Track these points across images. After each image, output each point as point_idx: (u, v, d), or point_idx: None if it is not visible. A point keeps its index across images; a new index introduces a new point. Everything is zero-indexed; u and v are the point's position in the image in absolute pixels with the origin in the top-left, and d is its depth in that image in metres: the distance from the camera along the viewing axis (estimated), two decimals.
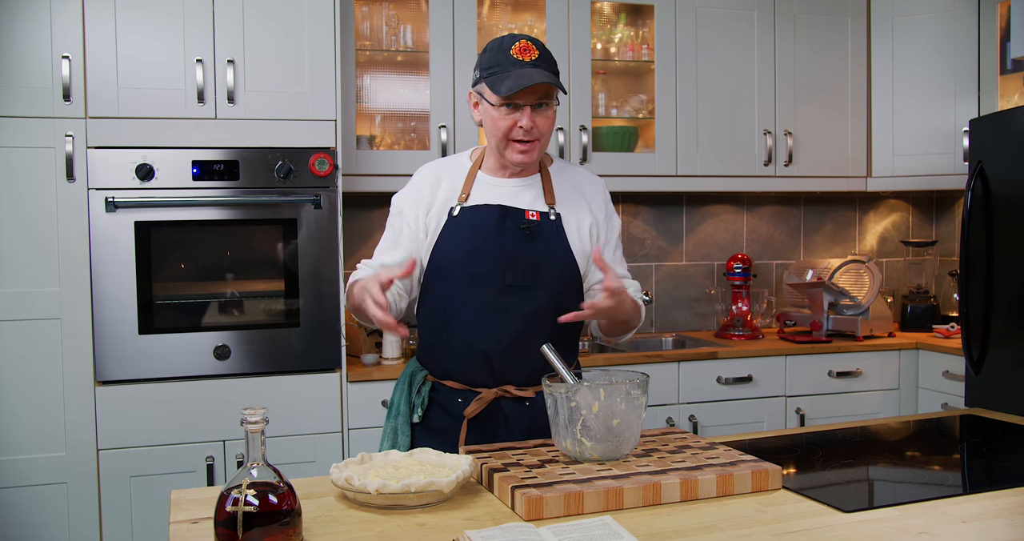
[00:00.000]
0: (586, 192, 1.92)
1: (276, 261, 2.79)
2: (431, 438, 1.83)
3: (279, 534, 1.19)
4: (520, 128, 1.77)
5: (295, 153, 2.77)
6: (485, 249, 1.80)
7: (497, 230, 1.80)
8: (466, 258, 1.80)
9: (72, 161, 2.58)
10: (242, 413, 1.21)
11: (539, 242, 1.81)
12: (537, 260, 1.80)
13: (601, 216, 1.91)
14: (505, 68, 1.74)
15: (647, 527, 1.31)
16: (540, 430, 1.80)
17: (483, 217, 1.81)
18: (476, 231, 1.81)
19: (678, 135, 3.45)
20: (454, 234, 1.82)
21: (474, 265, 1.80)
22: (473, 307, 1.80)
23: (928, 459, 1.80)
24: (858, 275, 3.67)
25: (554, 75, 1.77)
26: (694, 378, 3.21)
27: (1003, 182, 2.92)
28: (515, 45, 1.76)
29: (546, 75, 1.74)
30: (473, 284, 1.80)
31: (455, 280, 1.81)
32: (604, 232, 1.91)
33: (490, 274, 1.79)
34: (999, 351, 2.91)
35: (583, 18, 3.32)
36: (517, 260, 1.79)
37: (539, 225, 1.82)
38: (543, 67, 1.76)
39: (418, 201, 1.87)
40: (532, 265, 1.80)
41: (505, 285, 1.79)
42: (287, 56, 2.78)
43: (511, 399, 1.82)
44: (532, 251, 1.80)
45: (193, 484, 2.66)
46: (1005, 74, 3.41)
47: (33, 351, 2.58)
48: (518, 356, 1.79)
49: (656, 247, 3.83)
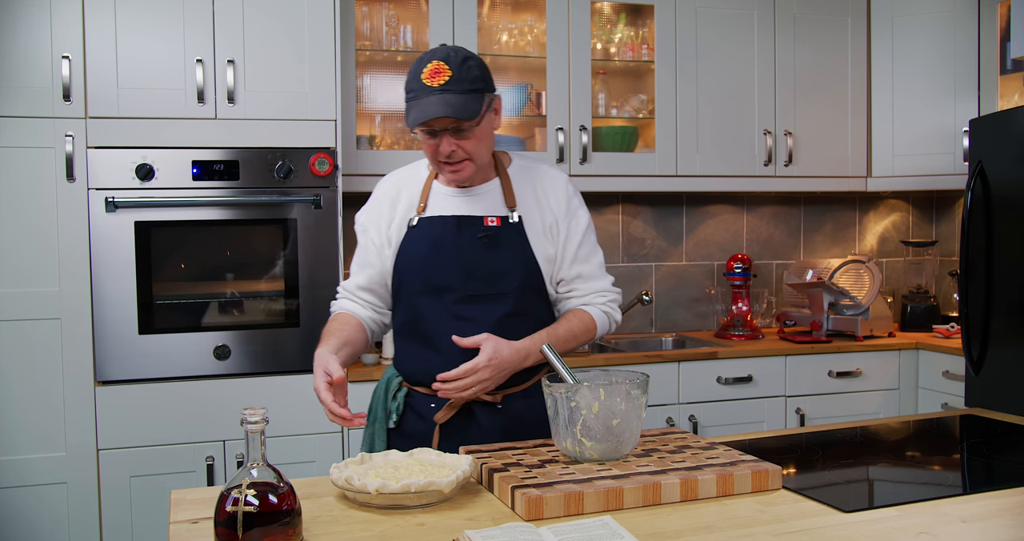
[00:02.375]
0: (546, 189, 1.86)
1: (276, 261, 2.79)
2: (406, 443, 1.82)
3: (279, 534, 1.19)
4: (441, 154, 1.75)
5: (295, 153, 2.77)
6: (443, 260, 1.79)
7: (455, 240, 1.79)
8: (426, 270, 1.80)
9: (72, 161, 2.59)
10: (242, 413, 1.21)
11: (500, 249, 1.79)
12: (498, 268, 1.79)
13: (561, 212, 1.85)
14: (416, 94, 1.71)
15: (647, 527, 1.31)
16: (512, 434, 1.78)
17: (439, 228, 1.81)
18: (434, 243, 1.80)
19: (678, 135, 3.45)
20: (413, 246, 1.82)
21: (434, 276, 1.80)
22: (437, 318, 1.80)
23: (928, 459, 1.80)
24: (858, 275, 3.67)
25: (466, 95, 1.69)
26: (694, 378, 3.21)
27: (1003, 182, 2.92)
28: (426, 68, 1.70)
29: (448, 106, 1.67)
30: (435, 295, 1.80)
31: (418, 291, 1.82)
32: (565, 228, 1.85)
33: (451, 285, 1.79)
34: (999, 351, 2.91)
35: (583, 18, 3.32)
36: (478, 269, 1.79)
37: (499, 231, 1.80)
38: (453, 91, 1.68)
39: (379, 216, 1.89)
40: (494, 273, 1.79)
41: (467, 295, 1.79)
42: (287, 56, 2.78)
43: (480, 403, 1.81)
44: (493, 259, 1.79)
45: (193, 484, 2.66)
46: (1005, 74, 3.41)
47: (33, 351, 2.58)
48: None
49: (656, 247, 3.83)
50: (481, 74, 1.74)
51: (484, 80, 1.75)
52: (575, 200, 1.88)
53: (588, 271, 1.88)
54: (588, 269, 1.88)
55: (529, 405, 1.82)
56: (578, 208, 1.88)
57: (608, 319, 1.90)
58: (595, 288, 1.89)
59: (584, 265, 1.87)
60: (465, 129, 1.72)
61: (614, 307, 1.91)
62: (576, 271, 1.86)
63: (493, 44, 3.38)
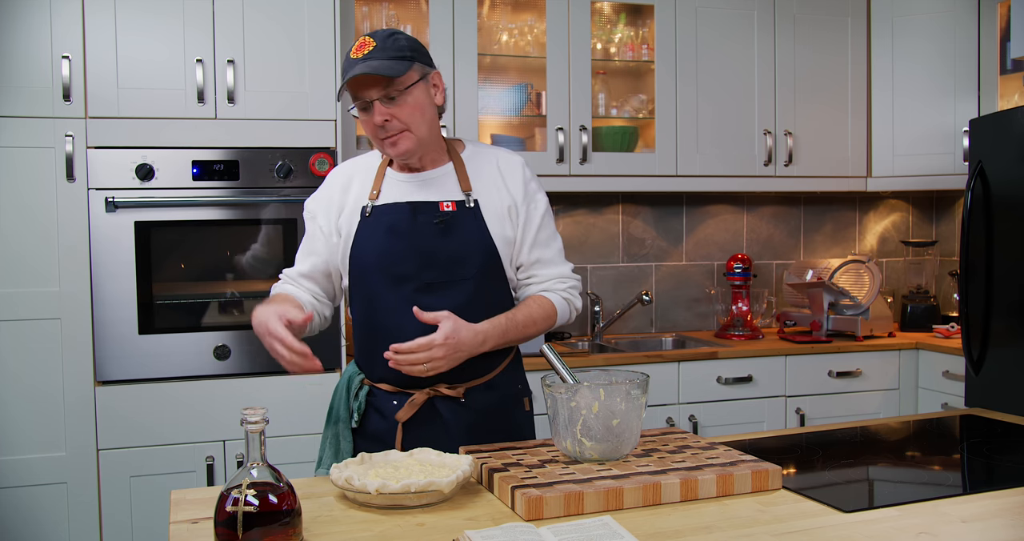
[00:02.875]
0: (503, 172, 1.81)
1: (276, 261, 2.78)
2: (370, 443, 1.78)
3: (279, 534, 1.19)
4: (376, 126, 1.71)
5: (295, 153, 2.77)
6: (400, 248, 1.74)
7: (410, 228, 1.75)
8: (382, 259, 1.76)
9: (72, 161, 2.59)
10: (242, 413, 1.21)
11: (456, 234, 1.75)
12: (456, 254, 1.74)
13: (520, 195, 1.80)
14: (345, 71, 1.69)
15: (647, 527, 1.31)
16: (480, 431, 1.75)
17: (394, 215, 1.76)
18: (389, 230, 1.76)
19: (678, 135, 3.45)
20: (368, 235, 1.77)
21: (391, 266, 1.75)
22: (395, 309, 1.75)
23: (928, 459, 1.80)
24: (858, 275, 3.67)
25: (390, 62, 1.64)
26: (694, 378, 3.21)
27: (1003, 182, 2.92)
28: (354, 45, 1.69)
29: (369, 66, 1.63)
30: (393, 285, 1.75)
31: (375, 282, 1.77)
32: (524, 211, 1.80)
33: (408, 274, 1.74)
34: (999, 351, 2.91)
35: (583, 18, 3.32)
36: (435, 256, 1.74)
37: (455, 215, 1.75)
38: (376, 58, 1.65)
39: (329, 204, 1.85)
40: (452, 259, 1.74)
41: (425, 283, 1.74)
42: (287, 56, 2.78)
43: (444, 399, 1.76)
44: (450, 245, 1.74)
45: (193, 484, 2.66)
46: (1005, 74, 3.41)
47: (33, 351, 2.58)
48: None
49: (656, 247, 3.83)
50: (410, 45, 1.70)
51: (414, 51, 1.70)
52: (533, 184, 1.83)
53: (548, 256, 1.83)
54: (548, 254, 1.83)
55: (493, 398, 1.79)
56: (536, 192, 1.83)
57: (568, 306, 1.86)
58: (555, 274, 1.84)
59: (544, 250, 1.82)
60: (395, 97, 1.68)
61: (574, 293, 1.87)
62: (535, 256, 1.82)
63: (493, 44, 3.38)
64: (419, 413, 1.76)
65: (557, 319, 1.83)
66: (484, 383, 1.79)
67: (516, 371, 1.88)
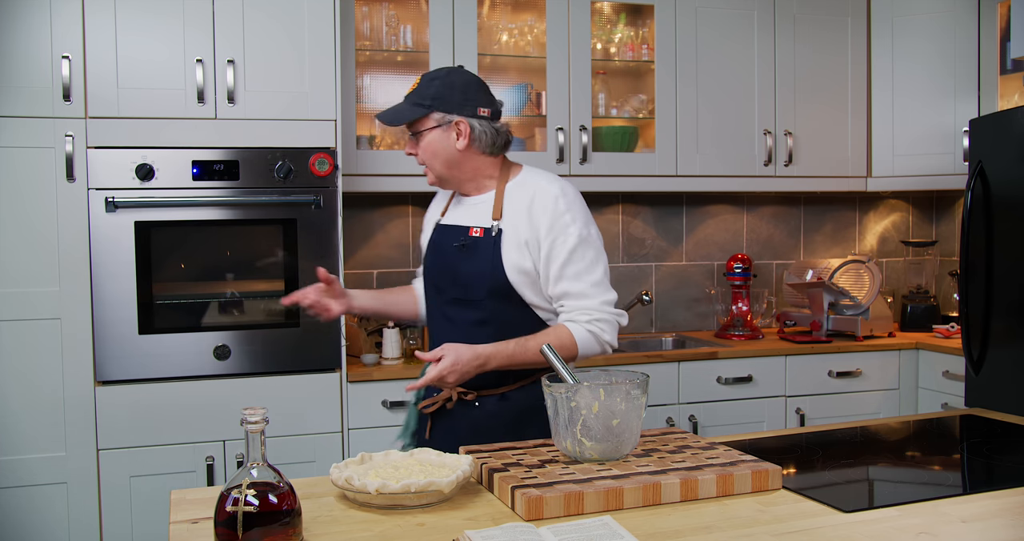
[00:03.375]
0: (534, 206, 1.88)
1: (276, 261, 2.78)
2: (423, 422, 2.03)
3: (279, 534, 1.19)
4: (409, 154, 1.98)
5: (295, 153, 2.77)
6: (437, 264, 1.98)
7: (442, 247, 1.97)
8: (428, 271, 2.02)
9: (72, 161, 2.59)
10: (242, 413, 1.21)
11: (473, 258, 1.90)
12: (470, 275, 1.90)
13: (543, 230, 1.85)
14: None
15: (647, 527, 1.31)
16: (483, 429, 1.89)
17: (438, 235, 2.01)
18: (433, 248, 2.02)
19: (678, 135, 3.45)
20: (428, 248, 2.05)
21: (430, 278, 2.02)
22: (432, 316, 2.03)
23: (928, 459, 1.80)
24: (858, 275, 3.67)
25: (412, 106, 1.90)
26: (694, 378, 3.21)
27: (1003, 182, 2.92)
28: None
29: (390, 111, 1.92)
30: (432, 295, 2.02)
31: (426, 290, 2.05)
32: (548, 245, 1.85)
33: (442, 287, 1.97)
34: (999, 351, 2.91)
35: (583, 18, 3.32)
36: (457, 275, 1.93)
37: (477, 241, 1.91)
38: (409, 101, 1.92)
39: (427, 218, 2.15)
40: (467, 280, 1.91)
41: (452, 298, 1.94)
42: (287, 56, 2.78)
43: (461, 402, 1.94)
44: (467, 266, 1.91)
45: (193, 484, 2.66)
46: (1005, 74, 3.41)
47: (33, 351, 2.58)
48: None
49: (656, 247, 3.83)
50: (438, 93, 1.88)
51: (438, 99, 1.89)
52: (566, 217, 1.86)
53: (576, 290, 1.87)
54: (577, 287, 1.87)
55: (503, 406, 1.93)
56: (568, 225, 1.85)
57: (594, 338, 1.87)
58: (582, 306, 1.87)
59: (573, 283, 1.86)
60: (416, 133, 1.93)
61: (601, 327, 1.87)
62: (561, 289, 1.87)
63: (493, 44, 3.38)
64: (443, 409, 1.96)
65: (579, 349, 1.86)
66: (498, 394, 1.93)
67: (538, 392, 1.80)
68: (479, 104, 1.92)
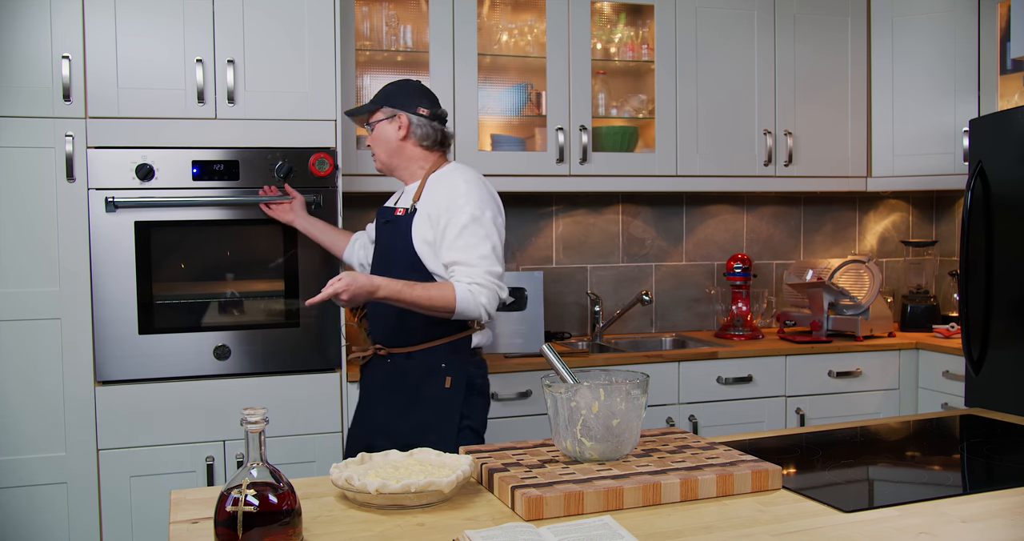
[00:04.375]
0: (440, 188, 2.27)
1: (276, 261, 2.78)
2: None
3: (279, 534, 1.19)
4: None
5: (295, 153, 2.77)
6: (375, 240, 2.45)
7: (377, 225, 2.42)
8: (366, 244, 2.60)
9: (72, 161, 2.58)
10: (242, 413, 1.21)
11: (393, 233, 2.31)
12: (390, 248, 2.32)
13: (443, 206, 2.22)
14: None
15: (647, 527, 1.31)
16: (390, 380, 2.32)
17: (377, 216, 2.44)
18: (375, 227, 2.46)
19: (678, 135, 3.45)
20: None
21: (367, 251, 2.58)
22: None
23: (928, 459, 1.80)
24: (858, 275, 3.67)
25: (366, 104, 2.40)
26: (694, 378, 3.21)
27: (1003, 182, 2.92)
28: None
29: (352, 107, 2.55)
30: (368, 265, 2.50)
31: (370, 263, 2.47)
32: (443, 220, 2.21)
33: (372, 259, 2.42)
34: (999, 351, 2.91)
35: (583, 18, 3.32)
36: (380, 248, 2.38)
37: (398, 219, 2.31)
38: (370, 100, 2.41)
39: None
40: (389, 252, 2.32)
41: (378, 265, 2.36)
42: (287, 56, 2.78)
43: (379, 355, 2.35)
44: (388, 240, 2.34)
45: (193, 484, 2.66)
46: (1005, 74, 3.41)
47: (33, 351, 2.58)
48: (381, 322, 2.34)
49: (656, 247, 3.83)
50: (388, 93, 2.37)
51: (389, 97, 2.36)
52: (461, 199, 2.22)
53: (463, 258, 2.19)
54: (463, 257, 2.19)
55: (410, 366, 2.29)
56: (464, 205, 2.21)
57: (471, 296, 2.16)
58: (467, 272, 2.19)
59: (460, 253, 2.20)
60: (368, 125, 2.40)
61: (478, 290, 2.17)
62: (452, 257, 2.21)
63: (493, 44, 3.38)
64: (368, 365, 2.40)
65: (457, 303, 2.16)
66: (405, 353, 2.31)
67: (440, 354, 2.29)
68: (420, 105, 2.35)
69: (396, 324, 2.29)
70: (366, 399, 2.41)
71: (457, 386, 2.29)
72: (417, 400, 2.28)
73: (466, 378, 2.30)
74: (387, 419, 2.31)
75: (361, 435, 2.38)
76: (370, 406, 2.38)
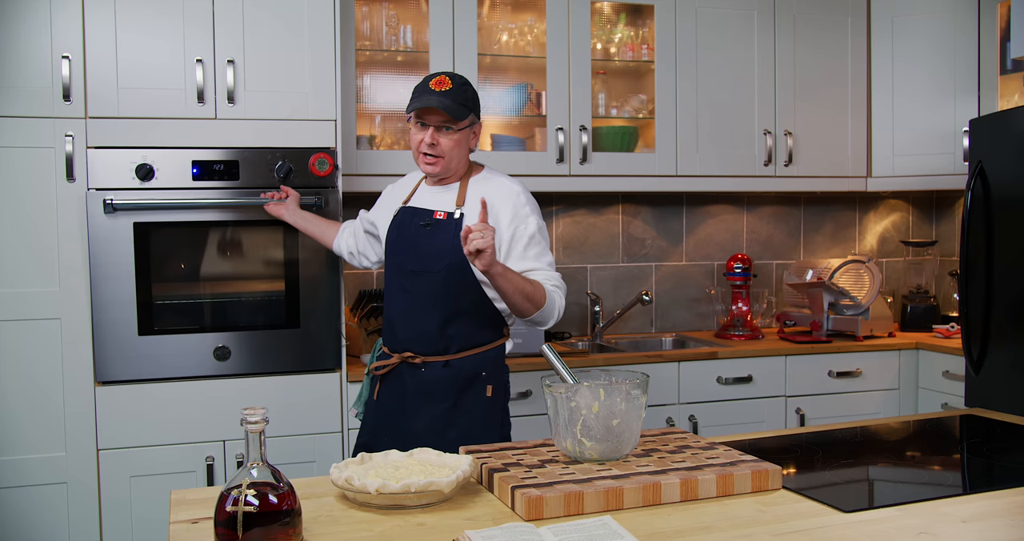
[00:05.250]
0: (496, 198, 2.17)
1: (276, 262, 2.78)
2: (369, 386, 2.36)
3: (279, 534, 1.19)
4: (424, 143, 2.16)
5: (295, 153, 2.77)
6: (397, 241, 2.26)
7: (407, 226, 2.25)
8: (387, 248, 2.30)
9: (72, 161, 2.58)
10: (242, 413, 1.21)
11: (437, 236, 2.19)
12: (432, 251, 2.18)
13: (505, 219, 2.15)
14: (420, 94, 2.15)
15: (647, 527, 1.31)
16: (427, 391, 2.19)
17: (403, 217, 2.28)
18: (397, 227, 2.28)
19: (678, 135, 3.45)
20: (390, 230, 2.30)
21: (391, 254, 2.29)
22: (391, 287, 2.28)
23: (928, 459, 1.80)
24: (858, 275, 3.67)
25: (457, 106, 2.13)
26: (694, 378, 3.21)
27: (1003, 182, 2.92)
28: (435, 78, 2.16)
29: (444, 103, 2.10)
30: (392, 269, 2.28)
31: (386, 265, 2.32)
32: (509, 231, 2.15)
33: (401, 262, 2.24)
34: (999, 351, 2.91)
35: (583, 18, 3.32)
36: (417, 250, 2.21)
37: (440, 223, 2.20)
38: (449, 98, 2.12)
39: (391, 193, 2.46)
40: (428, 254, 2.18)
41: (409, 270, 2.21)
42: (287, 56, 2.78)
43: (409, 365, 2.22)
44: (429, 243, 2.19)
45: (193, 484, 2.66)
46: (1005, 74, 3.41)
47: (33, 351, 2.58)
48: (414, 328, 2.20)
49: (656, 247, 3.83)
50: (474, 98, 2.20)
51: (474, 103, 2.20)
52: (526, 209, 2.18)
53: (537, 267, 2.16)
54: (537, 265, 2.16)
55: (447, 372, 2.19)
56: (528, 215, 2.17)
57: (554, 300, 2.12)
58: (543, 276, 2.15)
59: (534, 262, 2.16)
60: (450, 130, 2.15)
61: (559, 294, 2.16)
62: (525, 266, 2.15)
63: (493, 44, 3.38)
64: (394, 372, 2.26)
65: (545, 302, 2.10)
66: (442, 361, 2.20)
67: (481, 362, 2.22)
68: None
69: (437, 331, 2.18)
70: (397, 409, 2.24)
71: (497, 394, 2.25)
72: (459, 409, 2.19)
73: (503, 386, 2.28)
74: (426, 430, 2.17)
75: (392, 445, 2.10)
76: (404, 416, 2.22)
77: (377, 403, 2.29)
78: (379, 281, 3.42)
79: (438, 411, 2.18)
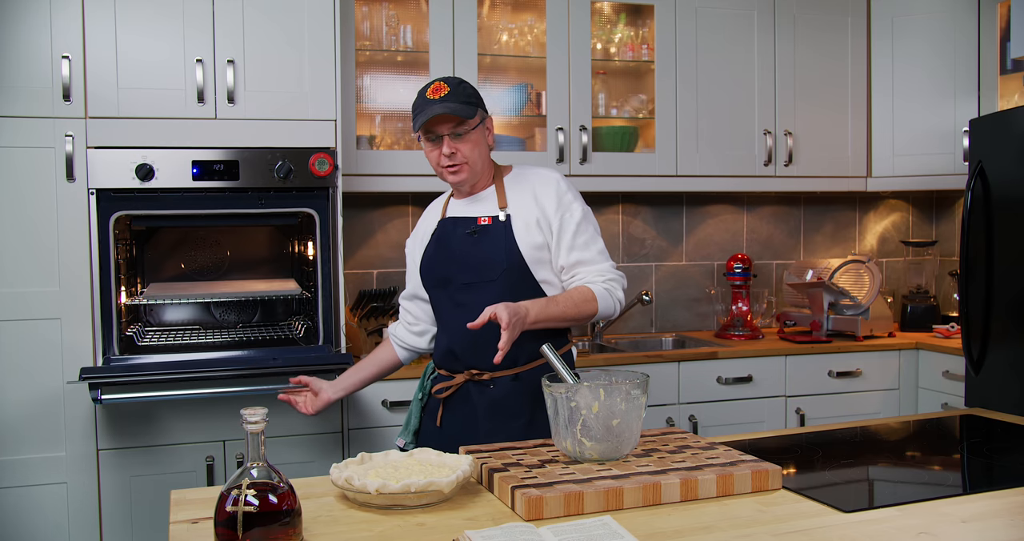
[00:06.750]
0: (536, 191, 2.06)
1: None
2: (428, 417, 2.16)
3: (279, 534, 1.19)
4: (443, 156, 2.03)
5: (295, 153, 2.77)
6: (442, 255, 2.09)
7: (449, 238, 2.09)
8: (427, 265, 2.12)
9: (72, 161, 2.59)
10: (242, 413, 1.21)
11: (486, 243, 2.04)
12: (485, 258, 2.02)
13: (551, 208, 2.04)
14: (420, 108, 2.02)
15: (647, 527, 1.31)
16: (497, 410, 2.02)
17: (441, 229, 2.12)
18: (437, 241, 2.12)
19: (678, 135, 3.45)
20: (426, 249, 2.14)
21: (433, 269, 2.11)
22: (441, 306, 2.11)
23: (928, 459, 1.80)
24: (858, 275, 3.67)
25: (462, 105, 1.99)
26: (694, 378, 3.21)
27: (1003, 182, 2.92)
28: (429, 88, 2.02)
29: (448, 107, 1.97)
30: (441, 286, 2.09)
31: (428, 285, 2.13)
32: (558, 221, 2.03)
33: (450, 276, 2.07)
34: (999, 351, 2.91)
35: (583, 18, 3.32)
36: (468, 261, 2.04)
37: (487, 228, 2.05)
38: (450, 101, 1.99)
39: (413, 238, 2.24)
40: (481, 263, 2.03)
41: (463, 283, 2.04)
42: (287, 56, 2.78)
43: (476, 383, 2.05)
44: (480, 251, 2.04)
45: (193, 484, 2.66)
46: (1005, 74, 3.41)
47: (33, 351, 2.58)
48: (477, 344, 2.00)
49: (656, 247, 3.83)
50: (475, 93, 2.06)
51: (477, 98, 2.06)
52: (568, 195, 2.06)
53: (587, 257, 2.04)
54: (587, 255, 2.04)
55: (517, 387, 2.04)
56: (572, 202, 2.05)
57: (609, 295, 2.03)
58: (594, 270, 2.05)
59: (583, 252, 2.04)
60: (462, 133, 2.01)
61: (614, 286, 2.05)
62: (575, 258, 2.04)
63: (493, 44, 3.38)
64: (457, 394, 2.08)
65: (599, 305, 2.01)
66: (512, 375, 2.03)
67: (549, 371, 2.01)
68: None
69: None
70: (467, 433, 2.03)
71: None
72: (534, 426, 2.02)
73: None
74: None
75: None
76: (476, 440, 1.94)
77: (441, 430, 2.10)
78: (379, 281, 3.42)
79: (513, 430, 2.00)
